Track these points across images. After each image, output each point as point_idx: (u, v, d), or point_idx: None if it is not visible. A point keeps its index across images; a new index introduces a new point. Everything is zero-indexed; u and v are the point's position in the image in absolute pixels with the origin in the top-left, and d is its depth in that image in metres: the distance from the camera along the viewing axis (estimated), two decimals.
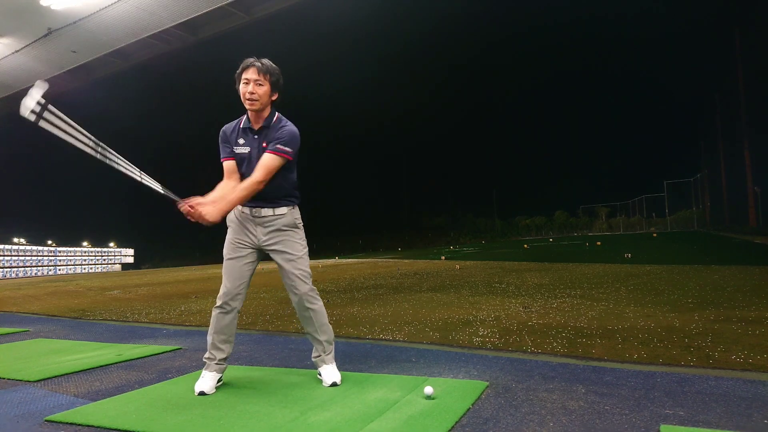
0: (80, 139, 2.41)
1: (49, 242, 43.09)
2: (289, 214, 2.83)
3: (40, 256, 39.52)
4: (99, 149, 2.47)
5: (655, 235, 27.16)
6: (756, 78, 23.13)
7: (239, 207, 2.82)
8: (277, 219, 2.79)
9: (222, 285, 2.78)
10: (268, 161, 2.68)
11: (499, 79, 57.78)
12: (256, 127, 2.79)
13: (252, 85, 2.70)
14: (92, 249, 45.17)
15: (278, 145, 2.70)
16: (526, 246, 21.76)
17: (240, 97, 2.76)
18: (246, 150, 2.78)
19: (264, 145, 2.75)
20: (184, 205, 2.50)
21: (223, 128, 2.85)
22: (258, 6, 12.77)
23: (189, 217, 2.50)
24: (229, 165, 2.81)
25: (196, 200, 2.52)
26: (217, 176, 2.90)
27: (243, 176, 2.79)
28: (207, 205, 2.52)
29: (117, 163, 2.56)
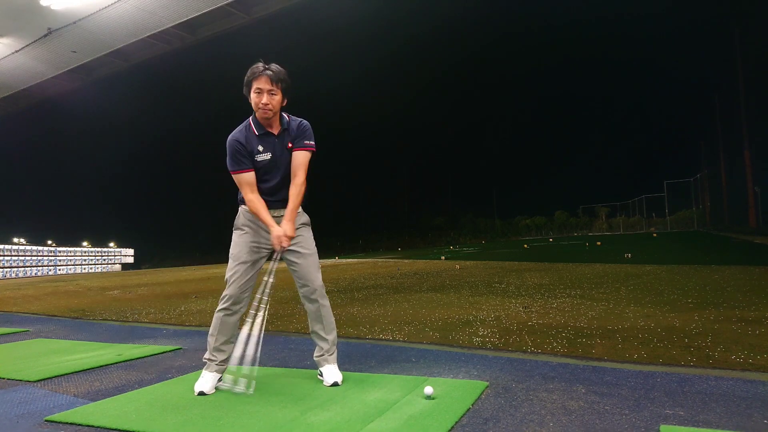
0: None
1: (49, 242, 43.11)
2: (302, 213, 2.90)
3: (40, 256, 39.55)
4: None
5: (655, 235, 27.16)
6: (756, 78, 23.13)
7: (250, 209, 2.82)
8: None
9: (228, 287, 2.76)
10: (303, 159, 2.79)
11: (499, 79, 57.79)
12: (276, 131, 2.78)
13: (266, 95, 2.68)
14: (92, 249, 45.21)
15: (305, 142, 2.80)
16: (526, 246, 21.76)
17: (249, 102, 2.75)
18: (268, 156, 2.75)
19: (289, 145, 2.78)
20: (279, 248, 2.69)
21: (235, 138, 2.72)
22: (258, 6, 12.78)
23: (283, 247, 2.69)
24: (249, 177, 2.72)
25: (276, 235, 2.66)
26: (216, 175, 2.90)
27: (266, 182, 2.78)
28: (281, 228, 2.67)
29: None
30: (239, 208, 2.87)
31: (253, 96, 2.72)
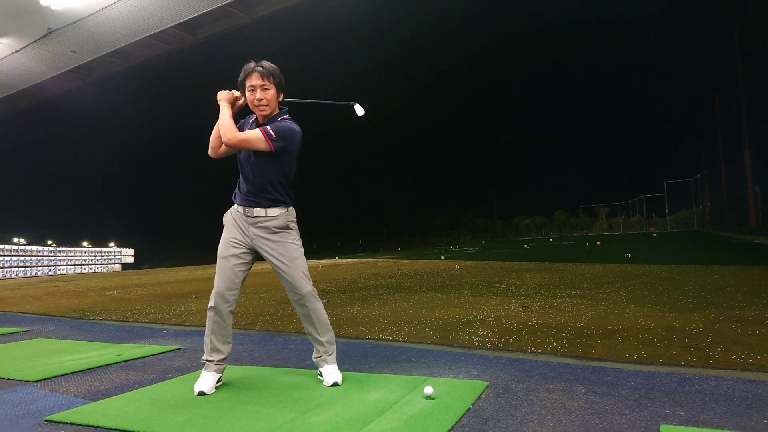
0: None
1: (49, 242, 43.10)
2: (282, 216, 2.78)
3: (40, 256, 39.50)
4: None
5: (655, 235, 27.15)
6: (756, 78, 23.13)
7: (235, 207, 2.83)
8: (269, 221, 2.76)
9: (215, 285, 2.76)
10: (249, 132, 2.72)
11: (499, 79, 57.82)
12: (261, 122, 2.81)
13: (259, 91, 2.70)
14: (92, 249, 45.17)
15: (267, 126, 2.69)
16: (526, 246, 21.75)
17: (246, 104, 2.77)
18: None
19: None
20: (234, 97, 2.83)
21: (249, 116, 2.91)
22: (258, 6, 12.79)
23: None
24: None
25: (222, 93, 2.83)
26: (216, 174, 2.91)
27: (244, 176, 2.82)
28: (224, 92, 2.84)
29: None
30: None
31: (248, 95, 2.74)
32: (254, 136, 2.67)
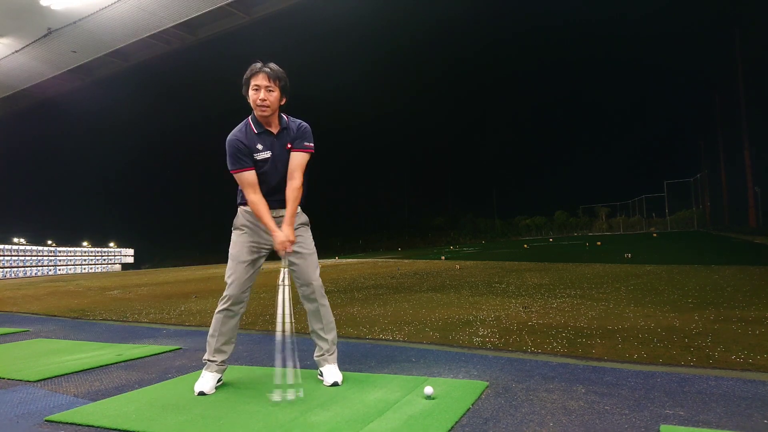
0: None
1: (49, 242, 43.13)
2: (301, 213, 2.91)
3: (40, 256, 39.54)
4: None
5: (655, 235, 27.15)
6: (756, 78, 23.13)
7: (251, 210, 2.81)
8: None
9: (228, 288, 2.77)
10: (301, 161, 2.78)
11: (499, 79, 57.85)
12: (275, 130, 2.78)
13: (263, 91, 2.68)
14: (92, 249, 45.22)
15: (305, 143, 2.80)
16: (526, 246, 21.75)
17: (248, 101, 2.75)
18: (268, 154, 2.74)
19: (289, 146, 2.77)
20: (283, 252, 2.68)
21: (235, 137, 2.71)
22: (258, 6, 12.79)
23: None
24: (251, 175, 2.70)
25: (280, 241, 2.65)
26: (216, 174, 2.90)
27: (264, 181, 2.76)
28: (283, 233, 2.66)
29: None
30: (238, 209, 2.87)
31: (251, 93, 2.72)
32: (303, 161, 2.79)
